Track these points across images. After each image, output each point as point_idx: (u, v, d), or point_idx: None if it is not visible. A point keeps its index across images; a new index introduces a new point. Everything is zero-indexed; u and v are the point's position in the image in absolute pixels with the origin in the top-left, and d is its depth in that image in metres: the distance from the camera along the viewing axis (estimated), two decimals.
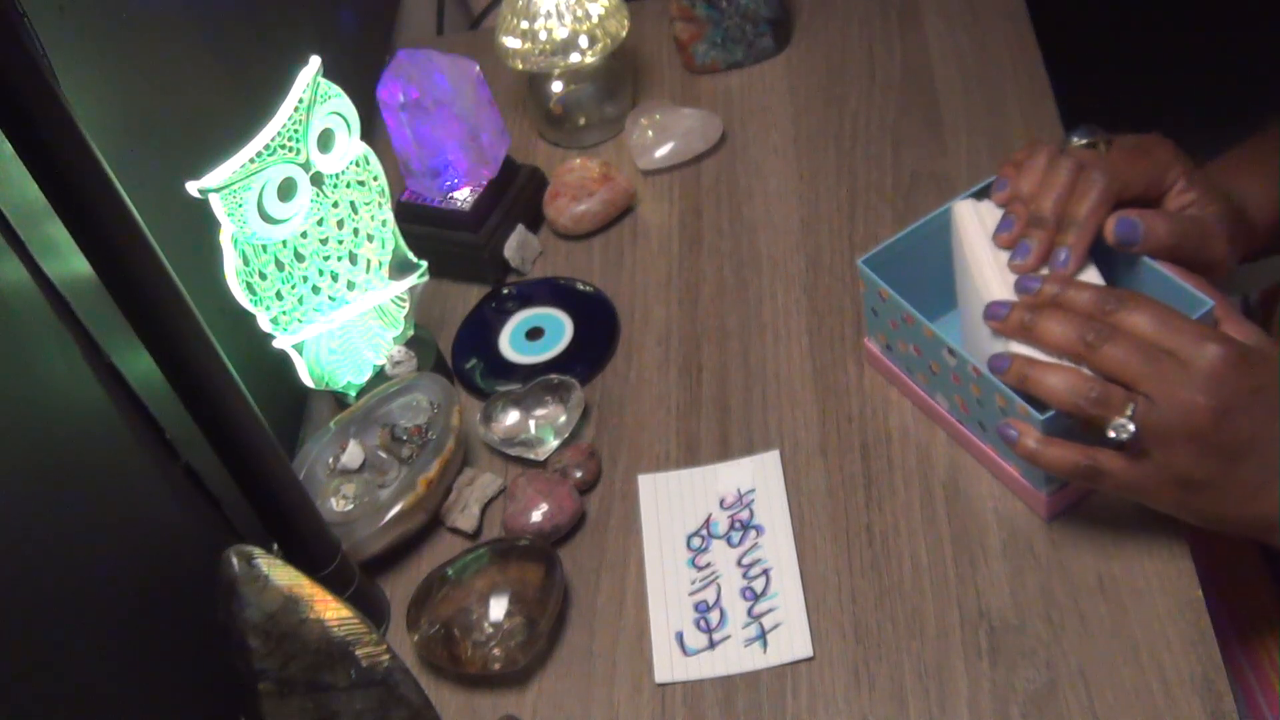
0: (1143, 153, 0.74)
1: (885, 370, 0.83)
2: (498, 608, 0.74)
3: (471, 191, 0.96)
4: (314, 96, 0.77)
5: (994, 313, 0.71)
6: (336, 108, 0.80)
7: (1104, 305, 0.67)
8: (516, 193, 0.99)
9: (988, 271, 0.73)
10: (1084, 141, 0.76)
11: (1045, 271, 0.72)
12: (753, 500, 0.80)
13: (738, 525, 0.79)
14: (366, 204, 0.85)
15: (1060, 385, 0.66)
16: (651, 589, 0.77)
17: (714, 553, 0.78)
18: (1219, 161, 0.83)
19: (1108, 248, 0.72)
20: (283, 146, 0.76)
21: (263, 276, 0.79)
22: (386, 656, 0.63)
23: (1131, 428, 0.64)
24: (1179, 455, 0.64)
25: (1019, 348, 0.70)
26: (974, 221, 0.75)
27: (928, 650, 0.71)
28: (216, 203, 0.74)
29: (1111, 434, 0.65)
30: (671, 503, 0.81)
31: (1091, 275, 0.72)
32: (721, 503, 0.81)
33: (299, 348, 0.83)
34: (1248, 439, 0.64)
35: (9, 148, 0.55)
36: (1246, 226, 0.77)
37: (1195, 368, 0.63)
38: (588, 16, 1.00)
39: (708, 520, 0.80)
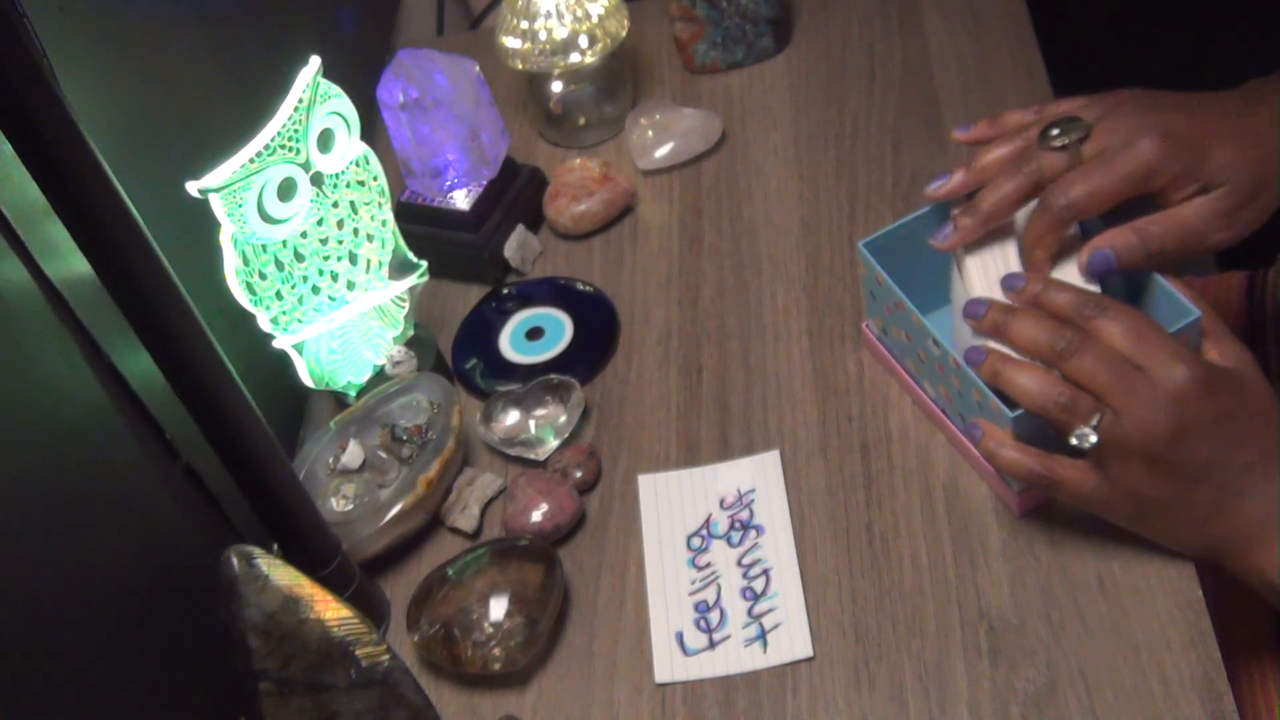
0: (1116, 155, 0.69)
1: (879, 354, 0.84)
2: (498, 608, 0.74)
3: (471, 191, 0.96)
4: (314, 96, 0.77)
5: (972, 311, 0.71)
6: (336, 108, 0.80)
7: (1083, 310, 0.66)
8: (516, 193, 0.99)
9: (974, 268, 0.73)
10: (1058, 145, 0.71)
11: (1000, 264, 0.72)
12: (753, 500, 0.80)
13: (738, 525, 0.79)
14: (366, 204, 0.85)
15: (1030, 385, 0.66)
16: (651, 589, 0.77)
17: (714, 553, 0.78)
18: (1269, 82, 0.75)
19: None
20: (283, 146, 0.76)
21: (263, 276, 0.79)
22: (386, 656, 0.63)
23: (1094, 438, 0.64)
24: (1134, 472, 0.65)
25: (997, 343, 0.70)
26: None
27: (928, 650, 0.71)
28: (216, 203, 0.74)
29: (1074, 441, 0.65)
30: (671, 503, 0.81)
31: (1082, 274, 0.71)
32: (721, 503, 0.81)
33: (299, 348, 0.83)
34: (1204, 464, 0.64)
35: (9, 148, 0.55)
36: (1254, 192, 0.70)
37: (1162, 388, 0.63)
38: (588, 16, 1.00)
39: (708, 520, 0.80)
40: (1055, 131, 0.72)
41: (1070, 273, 0.71)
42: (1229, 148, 0.69)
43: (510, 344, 0.93)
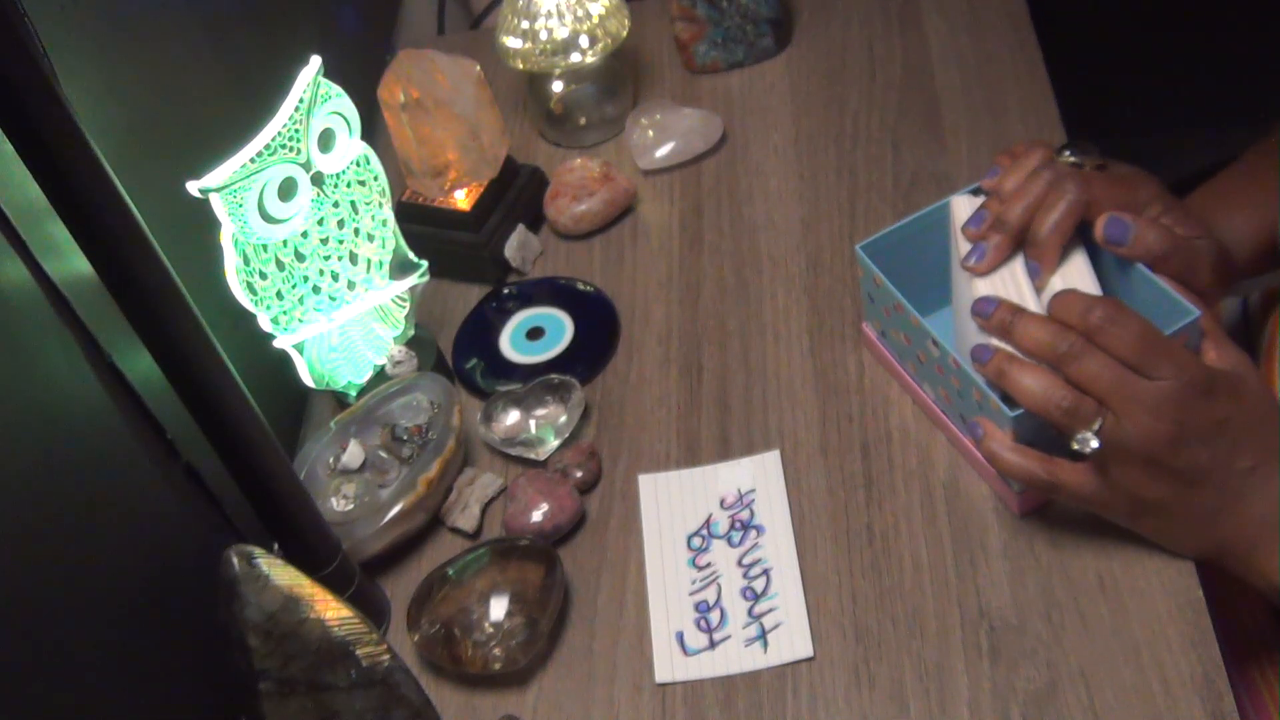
0: (1124, 183, 0.74)
1: (879, 355, 0.84)
2: (498, 608, 0.74)
3: (471, 191, 0.96)
4: (314, 96, 0.78)
5: (980, 309, 0.71)
6: (337, 107, 0.80)
7: (1087, 314, 0.67)
8: (517, 193, 0.99)
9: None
10: (1073, 160, 0.76)
11: (1006, 273, 0.72)
12: (753, 500, 0.80)
13: (738, 525, 0.79)
14: (367, 204, 0.85)
15: (1034, 387, 0.66)
16: (652, 589, 0.77)
17: (714, 553, 0.78)
18: (1192, 197, 0.83)
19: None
20: (283, 146, 0.76)
21: (263, 276, 0.79)
22: (387, 656, 0.63)
23: (1095, 444, 0.65)
24: (1135, 475, 0.65)
25: (1002, 343, 0.70)
26: (968, 217, 0.76)
27: (928, 650, 0.71)
28: (217, 202, 0.74)
29: (1075, 445, 0.65)
30: (672, 503, 0.81)
31: (1084, 275, 0.71)
32: (722, 503, 0.81)
33: (299, 347, 0.83)
34: (1205, 468, 0.65)
35: (10, 148, 0.55)
36: (1225, 261, 0.76)
37: (1163, 393, 0.64)
38: (588, 16, 1.00)
39: (708, 520, 0.80)
40: (1068, 153, 0.76)
41: (1074, 277, 0.71)
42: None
43: (510, 344, 0.93)
